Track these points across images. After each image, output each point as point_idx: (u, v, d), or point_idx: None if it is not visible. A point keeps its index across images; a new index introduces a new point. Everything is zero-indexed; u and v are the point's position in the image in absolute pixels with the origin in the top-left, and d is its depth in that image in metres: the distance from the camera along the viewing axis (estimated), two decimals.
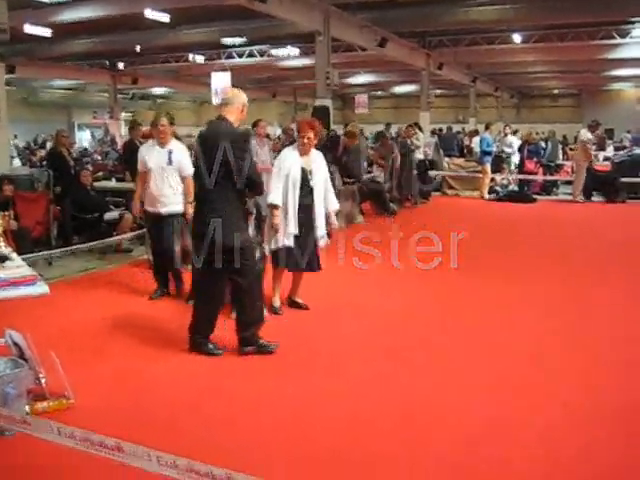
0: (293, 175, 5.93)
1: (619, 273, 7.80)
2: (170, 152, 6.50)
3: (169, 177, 6.50)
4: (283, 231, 5.90)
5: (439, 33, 22.96)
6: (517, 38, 22.21)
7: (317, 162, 6.11)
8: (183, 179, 6.51)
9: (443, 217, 13.07)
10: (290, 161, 6.00)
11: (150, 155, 6.57)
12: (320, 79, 16.96)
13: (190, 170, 6.25)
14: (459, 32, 22.52)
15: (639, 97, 33.21)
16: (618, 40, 22.24)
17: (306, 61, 23.61)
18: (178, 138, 7.47)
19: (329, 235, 6.34)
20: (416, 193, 14.66)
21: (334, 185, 6.89)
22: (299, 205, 5.93)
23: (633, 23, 21.27)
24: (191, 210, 5.97)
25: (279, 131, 19.90)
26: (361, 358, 5.05)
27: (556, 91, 42.24)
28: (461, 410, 4.13)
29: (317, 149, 6.21)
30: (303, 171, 5.97)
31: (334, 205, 6.25)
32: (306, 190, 5.97)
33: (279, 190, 5.93)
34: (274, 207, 5.93)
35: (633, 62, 26.46)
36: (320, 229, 6.08)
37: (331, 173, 6.78)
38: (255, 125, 10.64)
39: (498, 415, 4.06)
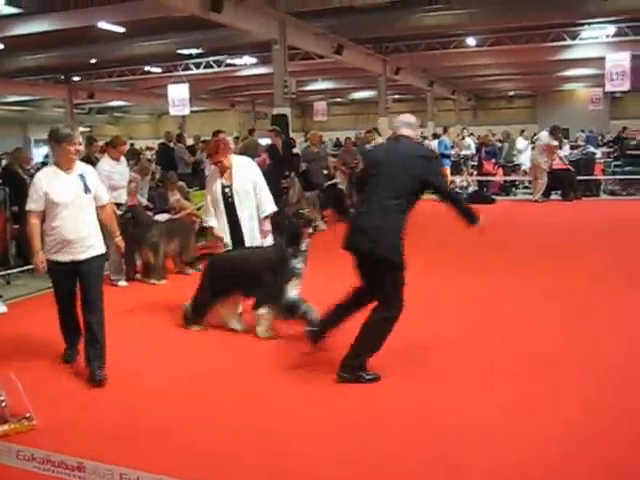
0: (215, 194, 5.96)
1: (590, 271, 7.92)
2: (82, 177, 4.90)
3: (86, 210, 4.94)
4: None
5: (395, 39, 23.23)
6: (472, 42, 22.58)
7: (240, 175, 5.97)
8: (100, 209, 5.09)
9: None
10: (212, 181, 6.05)
11: (53, 185, 4.81)
12: (278, 88, 16.98)
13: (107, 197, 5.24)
14: (415, 37, 22.80)
15: (591, 97, 33.84)
16: (568, 42, 22.77)
17: (264, 70, 23.66)
18: (138, 154, 7.32)
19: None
20: None
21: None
22: (229, 222, 5.95)
23: (582, 25, 21.77)
24: (122, 244, 5.38)
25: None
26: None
27: (511, 93, 42.95)
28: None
29: (273, 159, 6.20)
30: (223, 188, 5.95)
31: (268, 209, 6.06)
32: (231, 206, 5.94)
33: (210, 211, 6.02)
34: (211, 229, 6.07)
35: (583, 62, 27.04)
36: (254, 241, 6.00)
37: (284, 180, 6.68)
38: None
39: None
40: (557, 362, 4.91)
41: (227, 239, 5.94)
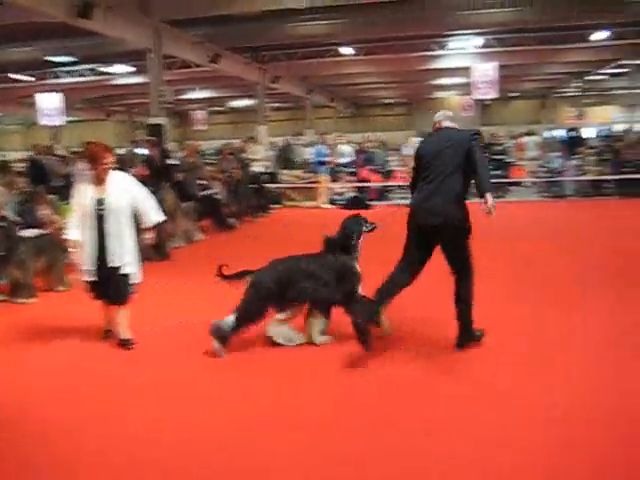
0: (86, 207, 5.65)
1: None
2: None
3: None
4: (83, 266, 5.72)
5: (272, 47, 23.32)
6: (347, 51, 22.99)
7: (114, 189, 5.70)
8: None
9: (282, 229, 13.37)
10: (83, 193, 5.72)
11: None
12: (153, 97, 16.72)
13: None
14: (292, 46, 22.98)
15: (463, 104, 35.31)
16: (438, 52, 23.68)
17: (139, 79, 23.18)
18: (6, 166, 6.97)
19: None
20: (255, 207, 14.79)
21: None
22: (95, 236, 5.65)
23: (449, 36, 22.71)
24: None
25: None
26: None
27: (388, 100, 44.14)
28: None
29: (153, 170, 6.00)
30: (95, 201, 5.64)
31: (154, 218, 5.89)
32: (100, 220, 5.64)
33: (74, 223, 5.71)
34: (70, 241, 5.74)
35: (454, 72, 28.22)
36: (122, 257, 5.71)
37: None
38: (89, 147, 10.24)
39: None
40: None
41: (87, 253, 5.66)
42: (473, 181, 5.23)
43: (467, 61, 24.63)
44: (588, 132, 26.40)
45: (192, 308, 6.94)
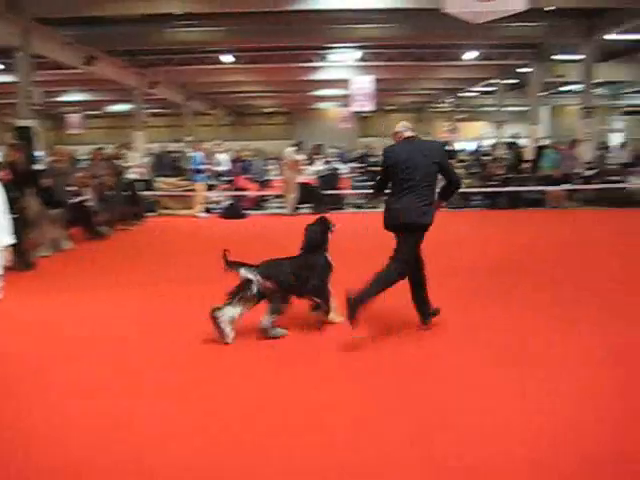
0: None
1: None
2: None
3: None
4: None
5: (151, 52, 22.84)
6: (228, 59, 22.88)
7: None
8: None
9: (155, 238, 13.13)
10: None
11: None
12: (21, 98, 15.97)
13: None
14: (171, 51, 22.61)
15: (342, 116, 36.01)
16: (318, 63, 24.03)
17: (7, 78, 22.06)
18: None
19: None
20: (128, 214, 14.39)
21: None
22: None
23: (330, 48, 23.11)
24: None
25: None
26: None
27: (269, 109, 44.32)
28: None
29: (17, 175, 5.50)
30: None
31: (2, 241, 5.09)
32: None
33: None
34: None
35: (333, 83, 28.80)
36: None
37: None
38: None
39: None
40: None
41: None
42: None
43: (346, 74, 25.20)
44: (468, 146, 27.61)
45: (55, 324, 6.64)
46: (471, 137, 35.60)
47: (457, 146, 29.18)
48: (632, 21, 17.26)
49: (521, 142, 22.49)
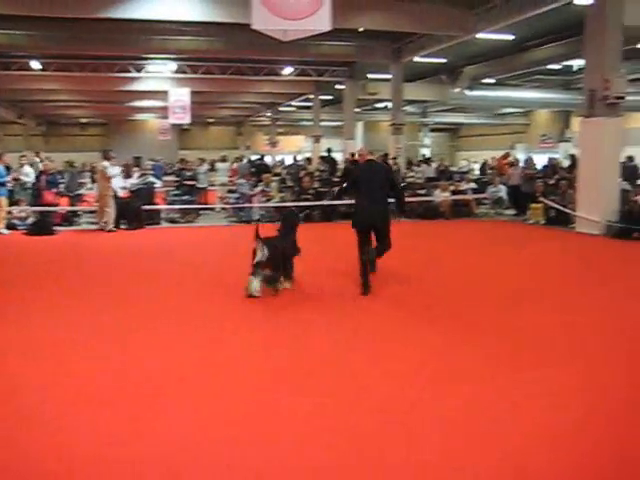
0: None
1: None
2: None
3: None
4: None
5: None
6: (36, 65, 21.64)
7: None
8: None
9: None
10: None
11: None
12: None
13: None
14: None
15: (159, 128, 35.47)
16: (135, 74, 23.42)
17: None
18: None
19: None
20: None
21: None
22: None
23: (148, 59, 22.63)
24: None
25: None
26: None
27: (84, 120, 42.65)
28: None
29: None
30: None
31: None
32: None
33: None
34: None
35: (151, 95, 28.27)
36: None
37: None
38: None
39: None
40: None
41: None
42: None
43: (165, 85, 24.83)
44: (287, 159, 28.00)
45: None
46: (291, 150, 36.41)
47: (274, 159, 29.76)
48: (434, 46, 18.51)
49: (336, 156, 23.15)
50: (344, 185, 8.98)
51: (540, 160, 21.19)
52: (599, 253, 11.70)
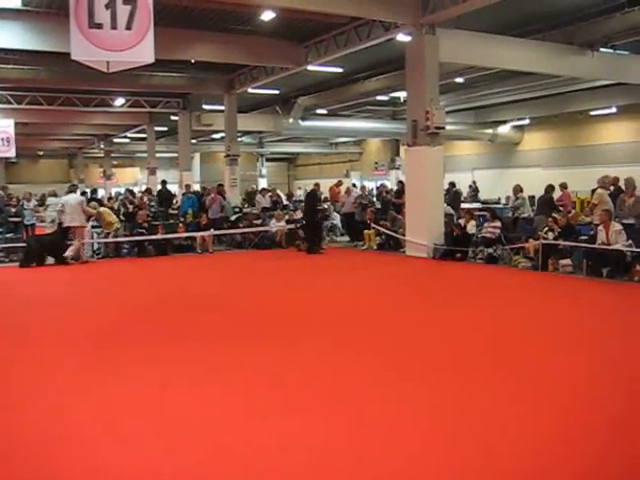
0: None
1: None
2: None
3: None
4: None
5: None
6: None
7: None
8: None
9: None
10: None
11: None
12: None
13: None
14: None
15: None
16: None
17: None
18: None
19: None
20: None
21: None
22: None
23: None
24: None
25: None
26: None
27: None
28: None
29: None
30: None
31: None
32: None
33: None
34: None
35: None
36: None
37: None
38: None
39: None
40: None
41: None
42: None
43: None
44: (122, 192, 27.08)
45: None
46: (126, 183, 35.49)
47: (110, 191, 28.85)
48: (266, 77, 18.91)
49: (171, 188, 22.66)
50: None
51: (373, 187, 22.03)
52: (423, 273, 12.55)
